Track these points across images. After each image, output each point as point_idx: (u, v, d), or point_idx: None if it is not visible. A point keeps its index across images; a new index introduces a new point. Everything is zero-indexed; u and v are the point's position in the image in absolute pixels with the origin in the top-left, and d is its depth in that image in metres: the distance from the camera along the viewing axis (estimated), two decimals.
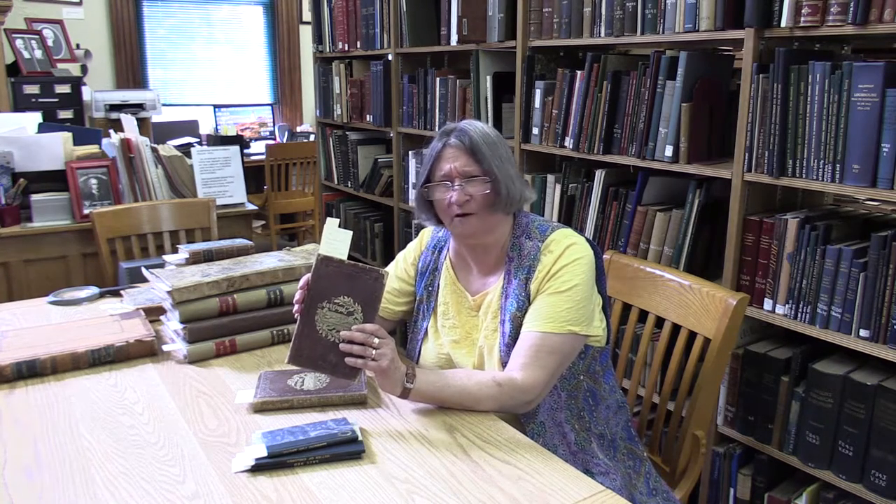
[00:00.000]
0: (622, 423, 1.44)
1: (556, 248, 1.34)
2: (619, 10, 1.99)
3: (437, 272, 1.50)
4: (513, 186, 1.35)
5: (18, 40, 4.62)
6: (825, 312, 1.62)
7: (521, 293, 1.35)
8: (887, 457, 1.54)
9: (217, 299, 1.54)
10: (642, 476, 1.41)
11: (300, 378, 1.37)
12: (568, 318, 1.30)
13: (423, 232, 1.57)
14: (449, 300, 1.46)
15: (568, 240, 1.35)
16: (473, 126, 1.38)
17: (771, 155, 1.67)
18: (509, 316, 1.35)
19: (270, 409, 1.30)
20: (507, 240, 1.41)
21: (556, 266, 1.33)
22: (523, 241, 1.39)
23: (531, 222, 1.41)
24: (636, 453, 1.43)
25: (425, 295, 1.50)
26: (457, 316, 1.45)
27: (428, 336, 1.49)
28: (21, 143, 2.57)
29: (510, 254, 1.39)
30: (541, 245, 1.36)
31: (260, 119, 5.90)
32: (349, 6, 3.32)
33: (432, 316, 1.49)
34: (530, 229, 1.40)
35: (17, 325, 1.67)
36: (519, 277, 1.36)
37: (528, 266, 1.35)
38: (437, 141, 1.39)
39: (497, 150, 1.37)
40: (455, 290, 1.46)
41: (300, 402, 1.31)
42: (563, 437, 1.34)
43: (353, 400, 1.32)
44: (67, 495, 1.04)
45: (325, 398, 1.31)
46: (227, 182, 2.86)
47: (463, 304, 1.45)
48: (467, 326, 1.44)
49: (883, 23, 1.46)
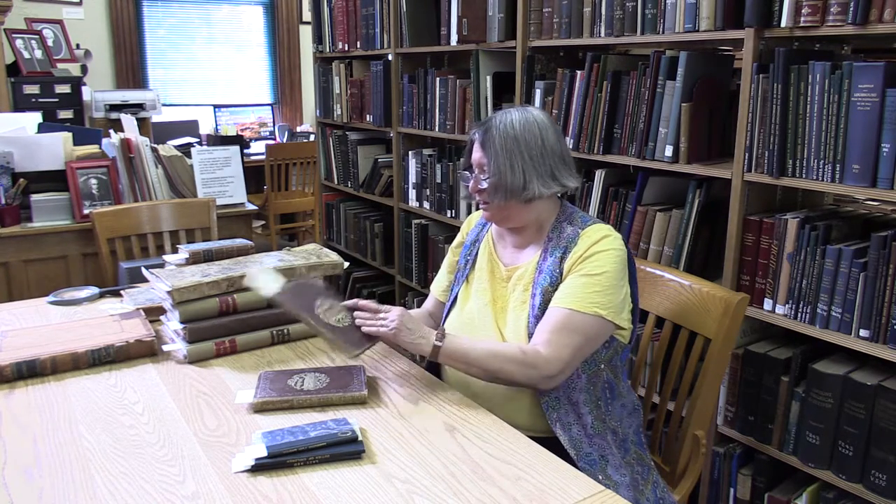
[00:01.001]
0: (634, 427, 1.46)
1: (593, 235, 1.42)
2: (619, 10, 1.99)
3: (477, 243, 1.59)
4: (513, 180, 1.40)
5: (18, 40, 4.62)
6: (825, 312, 1.62)
7: (555, 270, 1.42)
8: (887, 457, 1.54)
9: (217, 299, 1.54)
10: (650, 484, 1.42)
11: (300, 378, 1.38)
12: (595, 301, 1.35)
13: (471, 216, 1.68)
14: (484, 266, 1.55)
15: (606, 231, 1.43)
16: (503, 119, 1.44)
17: (771, 155, 1.67)
18: (541, 290, 1.41)
19: (270, 409, 1.30)
20: (549, 223, 1.48)
21: (591, 251, 1.39)
22: (565, 225, 1.47)
23: (575, 213, 1.50)
24: (645, 461, 1.45)
25: (463, 263, 1.59)
26: (489, 280, 1.52)
27: (457, 302, 1.56)
28: (21, 143, 2.57)
29: (550, 234, 1.47)
30: (580, 231, 1.44)
31: (260, 119, 5.90)
32: (349, 6, 3.32)
33: (465, 282, 1.56)
34: (574, 217, 1.48)
35: (17, 325, 1.67)
36: (555, 255, 1.43)
37: (564, 247, 1.43)
38: (473, 130, 1.50)
39: (515, 143, 1.42)
40: (491, 259, 1.55)
41: (300, 402, 1.31)
42: (578, 417, 1.37)
43: (354, 400, 1.32)
44: (67, 495, 1.04)
45: (326, 398, 1.32)
46: (227, 182, 2.86)
47: (495, 273, 1.52)
48: (495, 294, 1.50)
49: (883, 23, 1.46)
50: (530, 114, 1.44)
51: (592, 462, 1.34)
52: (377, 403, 1.33)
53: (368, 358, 1.53)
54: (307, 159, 4.86)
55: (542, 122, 1.44)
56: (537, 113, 1.45)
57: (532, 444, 1.19)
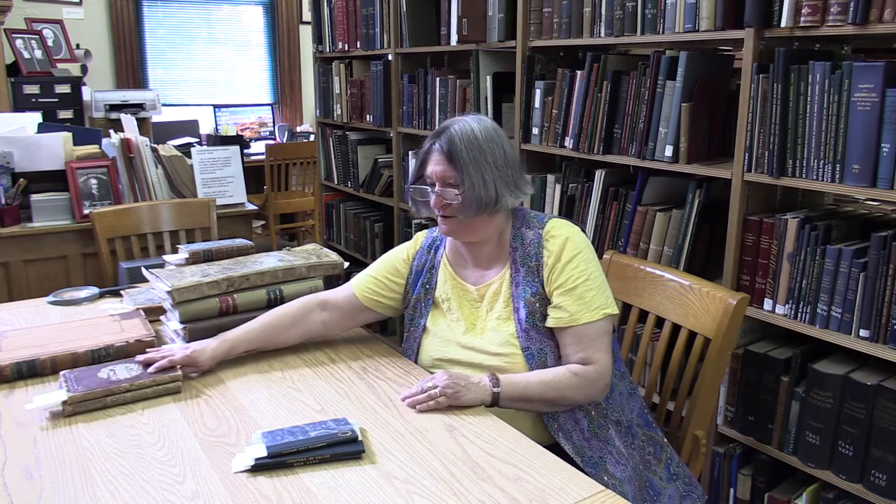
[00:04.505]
0: (637, 410, 1.46)
1: (558, 234, 1.42)
2: (619, 10, 1.99)
3: (434, 270, 1.53)
4: (486, 193, 1.37)
5: (18, 40, 4.62)
6: (825, 312, 1.62)
7: (533, 279, 1.41)
8: (887, 457, 1.54)
9: (217, 299, 1.54)
10: (663, 462, 1.43)
11: (111, 370, 1.36)
12: (598, 304, 1.38)
13: (418, 235, 1.60)
14: (450, 295, 1.49)
15: (566, 229, 1.43)
16: (462, 128, 1.39)
17: (771, 155, 1.67)
18: (523, 302, 1.40)
19: (91, 407, 1.28)
20: (508, 233, 1.46)
21: (564, 255, 1.39)
22: (524, 231, 1.45)
23: (527, 214, 1.48)
24: (656, 439, 1.45)
25: (422, 293, 1.52)
26: (459, 309, 1.48)
27: (428, 332, 1.51)
28: (21, 143, 2.57)
29: (513, 244, 1.45)
30: (541, 232, 1.43)
31: (260, 119, 5.90)
32: (349, 6, 3.32)
33: (430, 312, 1.51)
34: (528, 220, 1.47)
35: (17, 325, 1.67)
36: (527, 265, 1.42)
37: (534, 254, 1.42)
38: (429, 141, 1.43)
39: (481, 154, 1.38)
40: (455, 285, 1.49)
41: (117, 390, 1.30)
42: (576, 423, 1.38)
43: (168, 390, 1.34)
44: (67, 495, 1.04)
45: (140, 384, 1.32)
46: (227, 182, 2.86)
47: (464, 297, 1.48)
48: (471, 318, 1.47)
49: (883, 23, 1.46)
50: (485, 122, 1.42)
51: (594, 464, 1.34)
52: (377, 403, 1.33)
53: (369, 358, 1.53)
54: (307, 159, 4.86)
55: (499, 130, 1.42)
56: (489, 121, 1.43)
57: (532, 444, 1.19)
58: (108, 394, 1.29)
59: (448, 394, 1.29)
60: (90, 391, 1.28)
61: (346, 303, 1.57)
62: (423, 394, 1.30)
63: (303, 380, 1.43)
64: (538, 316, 1.39)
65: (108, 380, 1.32)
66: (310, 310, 1.55)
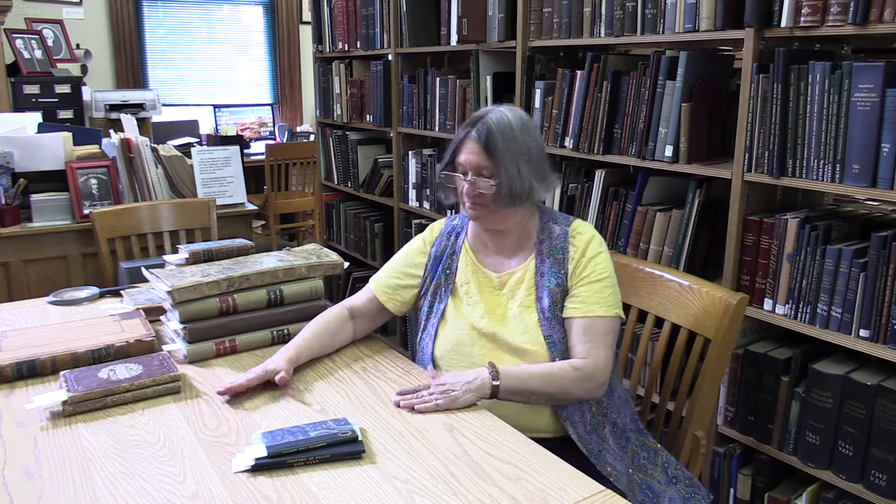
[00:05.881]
0: (629, 416, 1.48)
1: (584, 231, 1.47)
2: (619, 10, 1.99)
3: (455, 255, 1.54)
4: (521, 185, 1.39)
5: (18, 40, 4.62)
6: (825, 312, 1.62)
7: (558, 270, 1.44)
8: (887, 457, 1.54)
9: (217, 299, 1.54)
10: (659, 466, 1.43)
11: (111, 370, 1.36)
12: (611, 303, 1.42)
13: (433, 224, 1.62)
14: (470, 279, 1.51)
15: (590, 230, 1.48)
16: (500, 119, 1.41)
17: (771, 155, 1.67)
18: (547, 292, 1.43)
19: (91, 407, 1.28)
20: (533, 224, 1.49)
21: (589, 252, 1.43)
22: (551, 225, 1.49)
23: (553, 211, 1.54)
24: (648, 445, 1.46)
25: (443, 278, 1.54)
26: (479, 293, 1.49)
27: (446, 318, 1.51)
28: (21, 143, 2.57)
29: (540, 236, 1.48)
30: (567, 229, 1.47)
31: (260, 119, 5.90)
32: (349, 6, 3.32)
33: (451, 296, 1.52)
34: (555, 216, 1.51)
35: (17, 325, 1.67)
36: (553, 256, 1.45)
37: (560, 247, 1.45)
38: (464, 128, 1.45)
39: (517, 146, 1.40)
40: (476, 270, 1.51)
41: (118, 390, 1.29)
42: (581, 415, 1.40)
43: (168, 390, 1.34)
44: (67, 495, 1.04)
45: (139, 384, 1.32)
46: (227, 182, 2.86)
47: (485, 283, 1.49)
48: (491, 304, 1.48)
49: (883, 23, 1.46)
50: (520, 113, 1.44)
51: (596, 455, 1.37)
52: (377, 403, 1.33)
53: (369, 358, 1.53)
54: (307, 159, 4.86)
55: (533, 123, 1.45)
56: (523, 112, 1.46)
57: (532, 444, 1.19)
58: (108, 394, 1.29)
59: (440, 405, 1.29)
60: (90, 391, 1.28)
61: (371, 308, 1.59)
62: (416, 398, 1.30)
63: (303, 380, 1.43)
64: (559, 306, 1.42)
65: (108, 380, 1.32)
66: (345, 318, 1.57)
